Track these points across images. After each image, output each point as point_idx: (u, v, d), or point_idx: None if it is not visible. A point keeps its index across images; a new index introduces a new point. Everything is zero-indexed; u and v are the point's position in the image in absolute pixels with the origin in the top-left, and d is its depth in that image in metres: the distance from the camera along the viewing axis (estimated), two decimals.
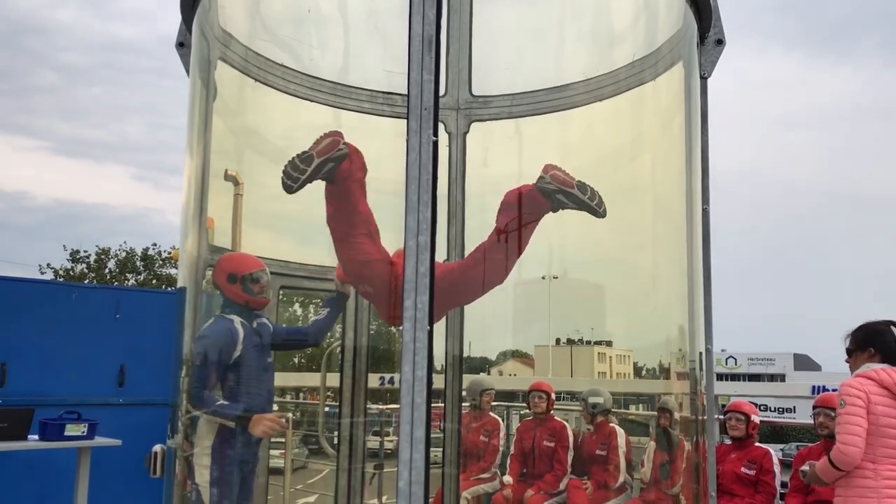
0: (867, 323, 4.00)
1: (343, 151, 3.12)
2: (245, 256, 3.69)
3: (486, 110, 4.37)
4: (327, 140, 3.12)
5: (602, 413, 5.27)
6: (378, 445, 6.08)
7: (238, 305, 3.60)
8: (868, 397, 3.72)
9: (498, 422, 5.82)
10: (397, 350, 3.32)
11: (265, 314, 3.80)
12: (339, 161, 3.11)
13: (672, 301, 3.51)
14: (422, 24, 2.20)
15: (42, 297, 6.27)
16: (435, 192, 2.15)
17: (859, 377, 3.83)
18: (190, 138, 3.48)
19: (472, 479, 5.44)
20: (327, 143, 3.11)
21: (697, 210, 3.16)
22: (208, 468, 3.41)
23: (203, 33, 3.39)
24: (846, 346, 4.04)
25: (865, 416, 3.70)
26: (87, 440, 5.36)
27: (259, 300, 3.65)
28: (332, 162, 3.10)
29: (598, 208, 3.27)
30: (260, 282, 3.63)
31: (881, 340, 3.90)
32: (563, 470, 5.33)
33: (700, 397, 3.27)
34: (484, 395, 5.73)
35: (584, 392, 5.52)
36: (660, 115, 3.73)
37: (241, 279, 3.59)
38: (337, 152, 3.11)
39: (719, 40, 3.21)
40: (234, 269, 3.61)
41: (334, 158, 3.10)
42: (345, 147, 3.14)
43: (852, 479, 3.75)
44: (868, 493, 3.69)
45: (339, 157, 3.11)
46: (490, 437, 5.67)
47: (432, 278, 2.09)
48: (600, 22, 3.96)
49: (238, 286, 3.59)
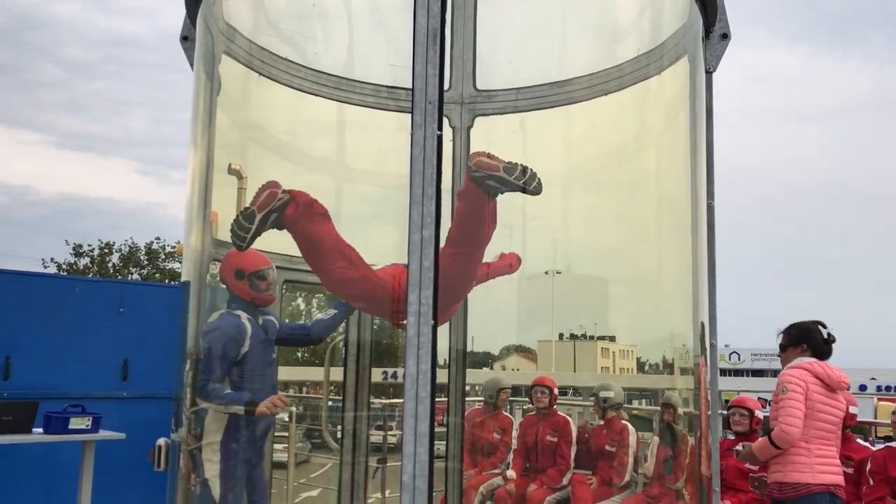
0: (799, 322, 4.49)
1: (283, 199, 3.17)
2: (252, 253, 3.68)
3: (490, 104, 4.36)
4: (265, 193, 3.19)
5: (613, 408, 5.28)
6: (381, 440, 6.09)
7: (244, 301, 3.65)
8: (806, 385, 4.19)
9: (511, 420, 5.84)
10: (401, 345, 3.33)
11: (270, 309, 3.84)
12: (282, 210, 3.17)
13: (676, 296, 3.51)
14: (427, 18, 2.20)
15: (46, 291, 6.28)
16: (439, 186, 2.15)
17: (797, 368, 4.29)
18: (194, 132, 3.48)
19: (484, 474, 5.46)
20: (266, 195, 3.18)
21: (702, 205, 3.15)
22: (216, 463, 3.46)
23: (207, 27, 3.39)
24: (779, 343, 4.55)
25: (804, 402, 4.18)
26: (91, 433, 5.38)
27: (265, 297, 3.69)
28: (274, 213, 3.16)
29: (529, 186, 3.21)
30: (267, 279, 3.68)
31: (811, 338, 4.39)
32: (566, 465, 5.33)
33: (704, 392, 3.26)
34: (501, 393, 5.77)
35: (595, 386, 5.52)
36: (664, 109, 3.72)
37: (248, 276, 3.63)
38: (277, 202, 3.17)
39: (724, 35, 3.20)
40: (242, 265, 3.63)
41: (276, 209, 3.17)
42: (284, 195, 3.18)
43: (789, 456, 4.20)
44: (803, 469, 4.17)
45: (281, 206, 3.17)
46: (503, 434, 5.69)
47: (436, 272, 2.09)
48: (605, 16, 3.95)
49: (245, 283, 3.64)
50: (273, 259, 4.08)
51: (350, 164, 4.55)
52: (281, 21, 3.97)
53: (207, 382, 3.50)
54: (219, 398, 3.50)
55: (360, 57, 4.29)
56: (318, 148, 4.51)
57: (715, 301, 3.10)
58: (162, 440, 3.24)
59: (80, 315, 6.31)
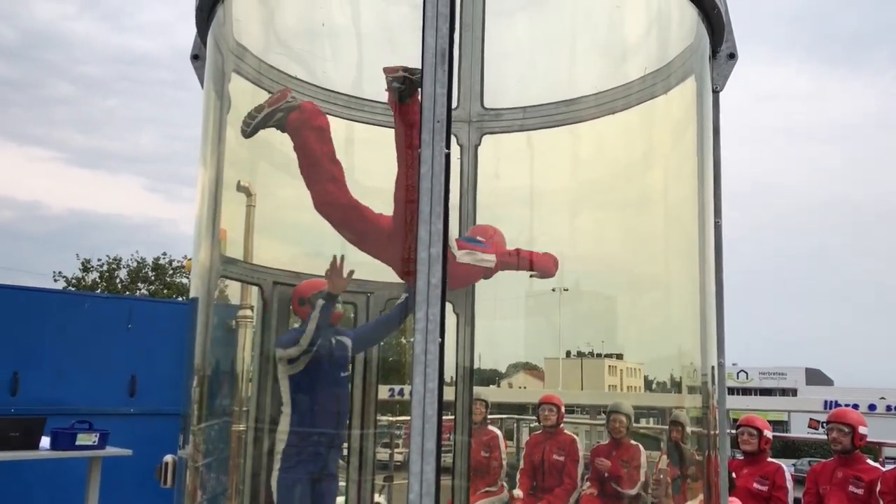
0: None
1: (292, 103, 3.38)
2: (312, 281, 3.91)
3: (497, 123, 4.38)
4: (278, 93, 3.42)
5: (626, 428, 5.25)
6: (388, 457, 6.07)
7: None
8: None
9: (497, 434, 5.81)
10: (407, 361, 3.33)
11: (345, 329, 4.06)
12: (288, 111, 3.37)
13: (684, 314, 3.50)
14: (435, 38, 2.22)
15: (54, 307, 6.32)
16: (447, 205, 2.16)
17: None
18: (204, 150, 3.51)
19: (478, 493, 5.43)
20: (277, 94, 3.40)
21: (710, 223, 3.15)
22: (276, 471, 3.68)
23: (217, 46, 3.42)
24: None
25: None
26: (98, 450, 5.38)
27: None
28: (280, 112, 3.36)
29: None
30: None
31: None
32: (572, 484, 5.30)
33: (712, 411, 3.25)
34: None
35: (610, 405, 5.49)
36: (672, 128, 3.72)
37: (308, 300, 3.82)
38: (285, 103, 3.37)
39: (731, 54, 3.21)
40: (302, 293, 3.89)
41: (283, 108, 3.37)
42: (293, 99, 3.39)
43: None
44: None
45: (288, 107, 3.36)
46: (491, 451, 5.66)
47: (444, 290, 2.10)
48: (612, 36, 3.97)
49: (307, 307, 3.81)
50: (281, 276, 4.11)
51: (360, 181, 4.57)
52: (291, 40, 4.01)
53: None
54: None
55: (370, 75, 4.32)
56: None
57: (723, 320, 3.09)
58: (169, 457, 3.24)
59: (89, 331, 6.34)
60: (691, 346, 3.40)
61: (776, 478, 5.57)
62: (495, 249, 4.08)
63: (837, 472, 5.48)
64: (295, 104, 3.37)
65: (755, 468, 5.67)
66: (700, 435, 3.47)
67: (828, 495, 5.47)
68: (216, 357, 3.76)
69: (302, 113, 3.40)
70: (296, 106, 3.38)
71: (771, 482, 5.56)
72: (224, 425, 3.84)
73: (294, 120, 3.38)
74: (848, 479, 5.35)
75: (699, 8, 3.11)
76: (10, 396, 5.90)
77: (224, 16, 3.37)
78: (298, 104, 3.38)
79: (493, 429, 5.92)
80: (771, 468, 5.68)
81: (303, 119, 3.40)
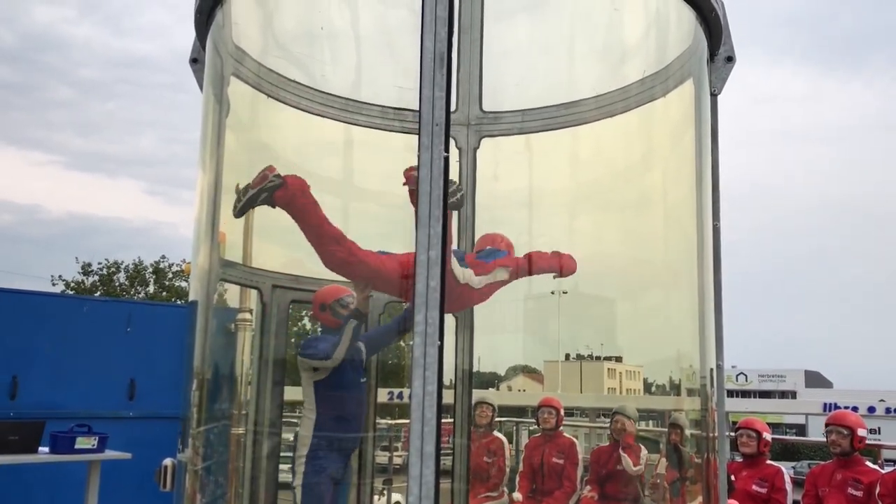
0: None
1: (274, 183, 3.43)
2: (332, 286, 4.04)
3: (496, 126, 4.39)
4: (260, 174, 3.47)
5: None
6: (387, 460, 6.06)
7: (332, 329, 3.96)
8: None
9: (502, 440, 5.81)
10: (406, 365, 3.33)
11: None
12: (272, 191, 3.43)
13: (683, 317, 3.50)
14: (433, 42, 2.22)
15: (53, 311, 6.31)
16: (446, 208, 2.16)
17: None
18: (203, 153, 3.51)
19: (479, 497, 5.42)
20: (259, 175, 3.45)
21: (708, 226, 3.15)
22: (301, 474, 3.86)
23: (216, 50, 3.42)
24: None
25: None
26: (97, 453, 5.38)
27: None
28: (265, 192, 3.43)
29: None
30: (348, 306, 3.97)
31: None
32: (572, 487, 5.30)
33: (711, 414, 3.25)
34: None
35: (615, 407, 5.49)
36: (670, 131, 3.73)
37: (329, 306, 4.01)
38: (269, 183, 3.43)
39: (729, 57, 3.22)
40: (323, 298, 4.05)
41: (266, 189, 3.43)
42: (275, 179, 3.44)
43: None
44: None
45: (271, 187, 3.43)
46: (495, 458, 5.65)
47: (443, 293, 2.10)
48: (611, 39, 3.98)
49: (328, 313, 4.02)
50: (280, 279, 4.11)
51: (358, 185, 4.57)
52: (289, 43, 4.01)
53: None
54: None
55: (368, 79, 4.32)
56: (326, 168, 4.53)
57: (721, 322, 3.10)
58: (168, 460, 3.23)
59: (88, 335, 6.33)
60: (690, 348, 3.40)
61: (775, 480, 5.58)
62: (511, 257, 4.11)
63: (836, 475, 5.48)
64: (277, 183, 3.43)
65: (754, 470, 5.67)
66: (699, 437, 3.47)
67: (827, 497, 5.47)
68: (215, 360, 3.76)
69: (286, 190, 3.46)
70: (279, 185, 3.44)
71: (770, 484, 5.56)
72: (223, 429, 3.84)
73: (281, 197, 3.45)
74: (847, 482, 5.35)
75: (697, 11, 3.12)
76: (9, 400, 5.89)
77: (223, 19, 3.37)
78: (281, 182, 3.44)
79: (498, 435, 5.92)
80: (770, 470, 5.68)
81: (289, 196, 3.47)
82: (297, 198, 3.49)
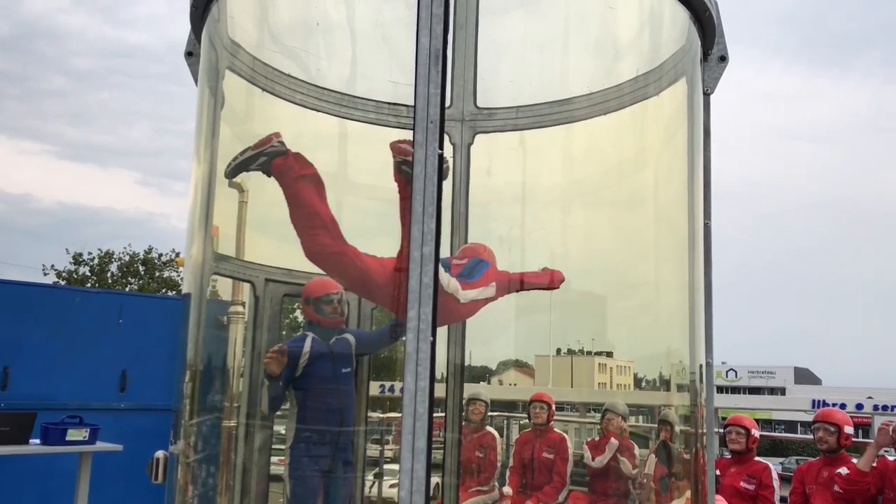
0: None
1: (276, 148, 3.36)
2: (321, 281, 3.96)
3: (490, 122, 4.40)
4: (264, 137, 3.41)
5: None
6: (378, 454, 6.08)
7: (313, 324, 4.02)
8: None
9: (494, 435, 5.83)
10: (398, 358, 3.34)
11: (350, 328, 4.18)
12: (272, 156, 3.35)
13: (673, 313, 3.53)
14: (429, 39, 2.23)
15: (46, 302, 6.30)
16: (440, 204, 2.17)
17: None
18: (197, 145, 3.51)
19: (470, 491, 5.45)
20: (263, 139, 3.39)
21: (699, 224, 3.17)
22: (288, 465, 3.93)
23: (212, 43, 3.42)
24: None
25: None
26: (88, 445, 5.39)
27: (330, 320, 4.02)
28: (264, 156, 3.35)
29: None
30: (332, 303, 4.00)
31: None
32: (562, 482, 5.33)
33: (700, 410, 3.28)
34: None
35: (606, 403, 5.52)
36: (663, 129, 3.75)
37: (314, 301, 4.00)
38: (269, 148, 3.36)
39: (722, 57, 3.24)
40: (309, 292, 4.03)
41: (267, 153, 3.35)
42: (279, 144, 3.36)
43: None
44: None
45: (272, 152, 3.35)
46: (487, 451, 5.68)
47: (436, 289, 2.11)
48: (605, 37, 3.99)
49: (311, 307, 4.02)
50: (273, 273, 4.12)
51: (352, 179, 4.58)
52: (284, 37, 4.01)
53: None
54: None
55: (363, 73, 4.33)
56: (320, 162, 4.53)
57: (711, 320, 3.12)
58: (160, 452, 3.24)
59: (80, 326, 6.32)
60: (680, 345, 3.43)
61: (763, 477, 5.61)
62: (497, 271, 4.03)
63: (823, 472, 5.52)
64: (280, 150, 3.35)
65: (742, 467, 5.71)
66: (688, 433, 3.50)
67: (814, 495, 5.51)
68: (208, 353, 3.77)
69: (287, 160, 3.36)
70: (281, 151, 3.35)
71: (758, 481, 5.60)
72: (215, 421, 3.85)
73: (279, 165, 3.35)
74: (833, 479, 5.40)
75: (690, 10, 3.14)
76: (0, 391, 5.89)
77: (218, 13, 3.37)
78: (284, 150, 3.35)
79: (490, 430, 5.94)
80: (758, 467, 5.72)
81: (289, 166, 3.36)
82: (301, 169, 3.38)
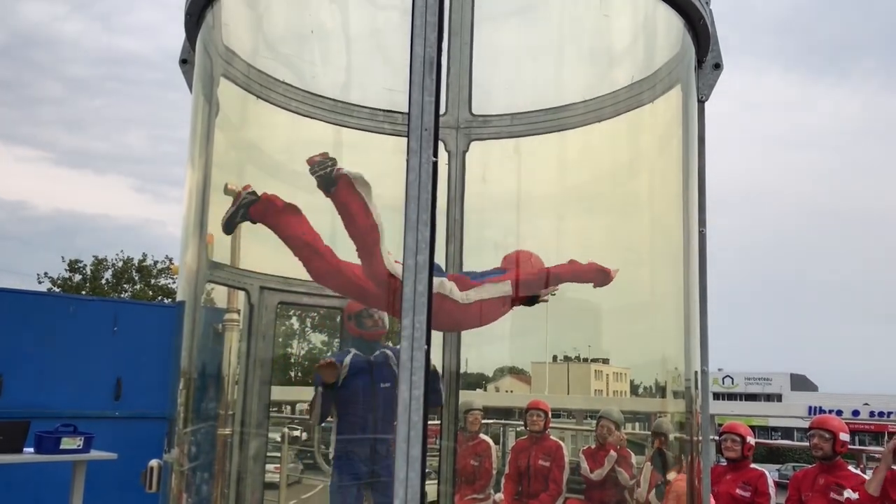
0: None
1: (248, 199, 3.48)
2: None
3: (485, 129, 4.40)
4: (238, 191, 3.54)
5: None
6: None
7: (355, 339, 4.27)
8: None
9: (489, 443, 5.82)
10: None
11: (385, 343, 4.35)
12: (247, 207, 3.48)
13: (669, 320, 3.52)
14: (423, 47, 2.23)
15: (40, 310, 6.28)
16: (434, 212, 2.17)
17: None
18: (192, 153, 3.51)
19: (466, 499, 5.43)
20: (237, 192, 3.52)
21: (694, 231, 3.18)
22: (331, 474, 4.20)
23: (206, 50, 3.42)
24: None
25: None
26: (82, 454, 5.36)
27: (370, 332, 4.27)
28: (241, 209, 3.49)
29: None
30: (373, 317, 4.23)
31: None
32: (558, 490, 5.32)
33: (696, 417, 3.27)
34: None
35: (601, 410, 5.51)
36: (657, 137, 3.76)
37: (354, 316, 4.23)
38: (244, 200, 3.49)
39: (717, 64, 3.24)
40: (349, 310, 4.26)
41: (242, 205, 3.49)
42: (249, 195, 3.48)
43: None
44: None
45: (246, 203, 3.48)
46: (482, 460, 5.66)
47: (430, 297, 2.11)
48: (599, 44, 4.00)
49: (353, 322, 4.26)
50: (268, 280, 4.11)
51: None
52: (279, 45, 4.01)
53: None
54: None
55: (357, 80, 4.33)
56: None
57: (707, 327, 3.12)
58: (154, 461, 3.23)
59: (74, 334, 6.30)
60: (676, 351, 3.43)
61: (759, 484, 5.61)
62: (518, 272, 3.95)
63: (819, 479, 5.51)
64: (251, 199, 3.46)
65: (738, 474, 5.70)
66: (683, 440, 3.50)
67: (809, 502, 5.51)
68: (202, 361, 3.76)
69: (258, 206, 3.48)
70: (253, 200, 3.47)
71: (753, 488, 5.59)
72: (210, 429, 3.84)
73: (257, 213, 3.47)
74: (829, 486, 5.39)
75: (685, 18, 3.15)
76: None
77: (213, 20, 3.37)
78: (256, 198, 3.46)
79: (486, 438, 5.93)
80: (754, 474, 5.71)
81: (260, 211, 3.48)
82: (272, 205, 3.50)
